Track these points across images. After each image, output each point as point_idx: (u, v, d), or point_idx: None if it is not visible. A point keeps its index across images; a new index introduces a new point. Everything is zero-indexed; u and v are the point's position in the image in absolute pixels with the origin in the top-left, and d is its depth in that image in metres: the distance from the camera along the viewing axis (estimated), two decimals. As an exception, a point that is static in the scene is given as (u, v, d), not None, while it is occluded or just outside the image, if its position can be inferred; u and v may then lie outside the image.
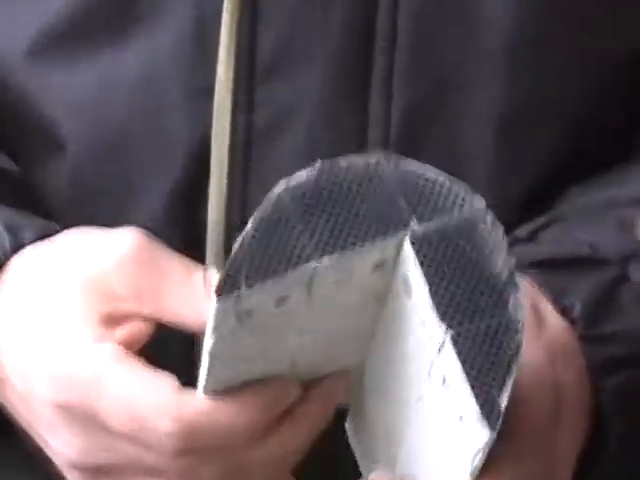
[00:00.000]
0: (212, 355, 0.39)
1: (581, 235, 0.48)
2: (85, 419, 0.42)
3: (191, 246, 0.47)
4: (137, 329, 0.43)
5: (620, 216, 0.49)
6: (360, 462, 0.47)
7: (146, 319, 0.43)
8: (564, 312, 0.46)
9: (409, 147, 0.47)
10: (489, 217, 0.38)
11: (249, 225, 0.37)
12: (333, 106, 0.48)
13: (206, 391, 0.41)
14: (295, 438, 0.43)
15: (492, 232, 0.37)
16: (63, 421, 0.43)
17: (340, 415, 0.46)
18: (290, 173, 0.43)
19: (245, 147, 0.48)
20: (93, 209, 0.50)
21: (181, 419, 0.40)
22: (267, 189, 0.46)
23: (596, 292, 0.47)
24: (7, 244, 0.45)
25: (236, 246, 0.36)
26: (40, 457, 0.46)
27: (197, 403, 0.41)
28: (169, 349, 0.47)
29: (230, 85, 0.47)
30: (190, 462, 0.41)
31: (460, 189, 0.38)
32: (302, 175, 0.37)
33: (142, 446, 0.41)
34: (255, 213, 0.37)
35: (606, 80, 0.51)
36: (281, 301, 0.37)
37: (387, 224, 0.37)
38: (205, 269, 0.44)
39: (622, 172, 0.51)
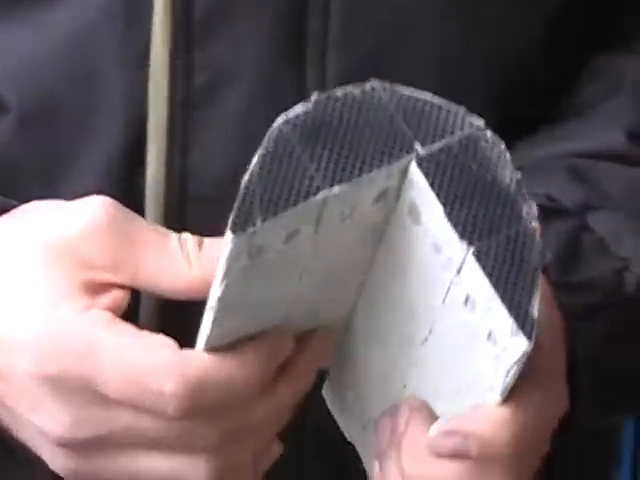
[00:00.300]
0: (220, 302, 0.37)
1: (535, 187, 0.48)
2: (75, 390, 0.40)
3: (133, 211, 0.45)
4: (118, 297, 0.41)
5: (573, 166, 0.50)
6: (346, 429, 0.47)
7: (122, 287, 0.41)
8: None
9: None
10: (489, 134, 0.38)
11: (253, 162, 0.35)
12: (271, 69, 0.47)
13: (207, 348, 0.39)
14: (290, 395, 0.42)
15: (494, 148, 0.37)
16: (49, 395, 0.40)
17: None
18: (230, 137, 0.45)
19: (184, 111, 0.47)
20: (29, 176, 0.48)
21: (185, 376, 0.38)
22: (207, 153, 0.47)
23: (562, 241, 0.47)
24: None
25: (243, 185, 0.35)
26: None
27: (200, 360, 0.39)
28: None
29: (167, 47, 0.46)
30: (189, 426, 0.40)
31: (457, 110, 0.38)
32: (300, 107, 0.36)
33: (141, 411, 0.39)
34: (258, 149, 0.36)
35: (535, 44, 0.52)
36: (291, 236, 0.36)
37: (391, 149, 0.36)
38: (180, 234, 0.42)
39: (571, 127, 0.52)
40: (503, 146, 0.38)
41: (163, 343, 0.39)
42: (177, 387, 0.38)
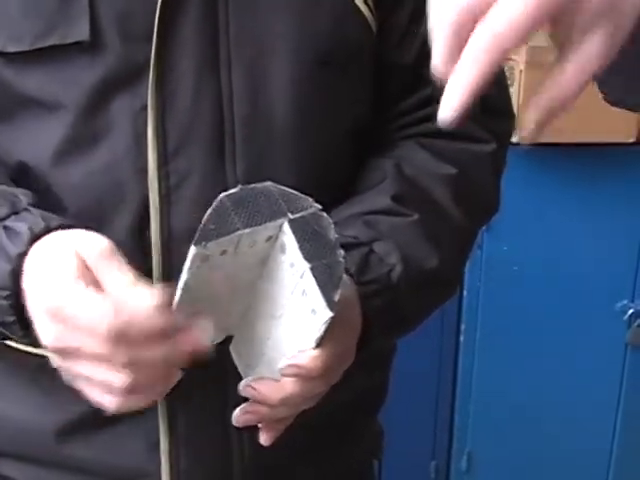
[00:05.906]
0: (185, 286, 0.72)
1: (346, 233, 0.88)
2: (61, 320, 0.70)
3: (146, 254, 0.83)
4: None
5: (365, 220, 0.90)
6: (242, 372, 0.82)
7: None
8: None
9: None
10: (324, 213, 0.75)
11: (207, 213, 0.71)
12: (209, 170, 0.86)
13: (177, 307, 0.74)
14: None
15: (327, 220, 0.74)
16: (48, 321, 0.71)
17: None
18: (190, 209, 0.83)
19: (166, 194, 0.85)
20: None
21: (118, 319, 0.69)
22: (182, 217, 0.85)
23: (360, 259, 0.87)
24: (42, 227, 0.77)
25: (201, 225, 0.71)
26: None
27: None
28: None
29: (155, 163, 0.84)
30: (115, 349, 0.69)
31: (307, 198, 0.75)
32: (233, 190, 0.73)
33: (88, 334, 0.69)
34: (209, 209, 0.72)
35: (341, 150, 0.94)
36: (223, 252, 0.72)
37: (276, 214, 0.73)
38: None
39: (358, 199, 0.93)
40: (330, 220, 0.75)
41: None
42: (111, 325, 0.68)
